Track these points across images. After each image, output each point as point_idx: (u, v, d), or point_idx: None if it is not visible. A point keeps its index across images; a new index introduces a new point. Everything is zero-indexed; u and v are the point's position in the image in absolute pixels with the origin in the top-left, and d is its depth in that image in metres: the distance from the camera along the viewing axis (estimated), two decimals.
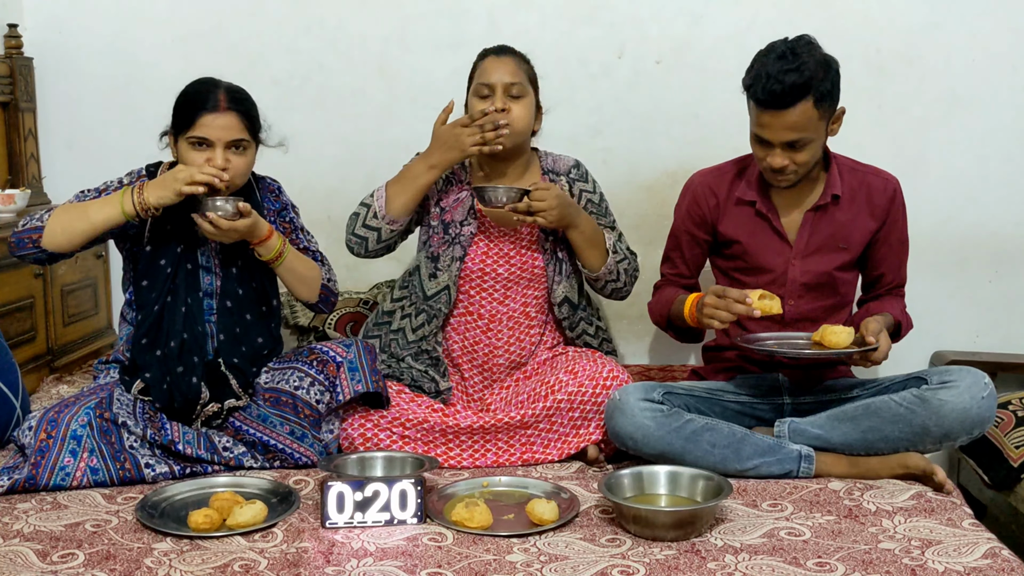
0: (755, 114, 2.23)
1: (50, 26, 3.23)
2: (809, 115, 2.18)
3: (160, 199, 2.17)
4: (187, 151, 2.25)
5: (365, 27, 3.21)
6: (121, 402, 2.22)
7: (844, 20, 3.14)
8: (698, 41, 3.16)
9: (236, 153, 2.26)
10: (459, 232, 2.49)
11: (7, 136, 3.12)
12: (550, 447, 2.37)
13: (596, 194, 2.61)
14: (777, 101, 2.16)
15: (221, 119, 2.23)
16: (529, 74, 2.50)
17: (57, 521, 1.96)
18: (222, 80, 2.32)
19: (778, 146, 2.22)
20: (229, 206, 2.19)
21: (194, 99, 2.25)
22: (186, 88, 2.30)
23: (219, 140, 2.23)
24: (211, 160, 2.22)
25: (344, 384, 2.30)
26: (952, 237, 3.18)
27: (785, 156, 2.23)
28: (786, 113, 2.17)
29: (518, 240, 2.52)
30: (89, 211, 2.20)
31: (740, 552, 1.85)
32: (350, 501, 1.96)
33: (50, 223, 2.19)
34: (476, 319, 2.53)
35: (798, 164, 2.25)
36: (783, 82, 2.15)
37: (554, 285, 2.53)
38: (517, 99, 2.43)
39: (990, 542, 1.87)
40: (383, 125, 3.22)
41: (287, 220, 2.49)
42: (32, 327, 2.82)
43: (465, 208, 2.51)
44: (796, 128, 2.19)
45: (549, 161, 2.60)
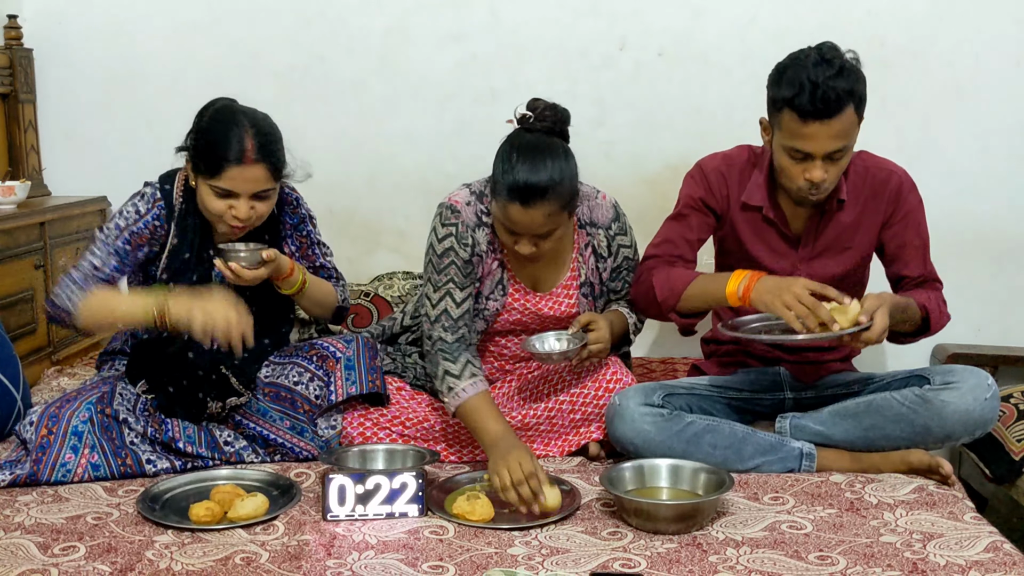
0: (795, 126, 2.10)
1: (50, 17, 3.22)
2: (852, 121, 2.10)
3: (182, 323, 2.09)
4: (208, 195, 2.15)
5: (366, 19, 3.19)
6: (123, 396, 2.22)
7: (848, 12, 3.13)
8: (700, 33, 3.15)
9: (260, 200, 2.18)
10: (485, 306, 2.33)
11: (7, 127, 3.11)
12: (551, 445, 2.36)
13: (632, 248, 2.42)
14: (828, 109, 2.06)
15: (248, 172, 2.12)
16: (563, 204, 2.14)
17: (58, 514, 1.96)
18: (247, 113, 2.18)
19: (820, 158, 2.12)
20: (254, 257, 2.16)
21: (220, 147, 2.12)
22: (210, 124, 2.16)
23: (245, 193, 2.15)
24: (234, 210, 2.15)
25: (338, 384, 2.29)
26: (954, 230, 3.17)
27: (825, 168, 2.13)
28: (833, 121, 2.07)
29: (554, 300, 2.37)
30: (116, 310, 2.17)
31: (742, 545, 1.84)
32: (351, 494, 1.96)
33: (81, 310, 2.18)
34: (496, 359, 2.47)
35: (832, 177, 2.16)
36: (834, 88, 2.05)
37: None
38: (548, 237, 2.17)
39: (992, 535, 1.87)
40: (384, 118, 3.21)
41: (304, 234, 2.43)
42: (33, 319, 2.81)
43: (494, 281, 2.32)
44: (841, 136, 2.10)
45: (586, 210, 2.35)
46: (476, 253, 2.28)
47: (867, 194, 2.32)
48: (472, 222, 2.27)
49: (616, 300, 2.46)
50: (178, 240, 2.25)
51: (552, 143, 2.16)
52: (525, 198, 2.09)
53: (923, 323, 2.25)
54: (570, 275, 2.37)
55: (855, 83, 2.10)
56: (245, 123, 2.15)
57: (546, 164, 2.10)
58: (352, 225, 3.27)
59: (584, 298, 2.39)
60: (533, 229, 2.14)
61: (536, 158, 2.11)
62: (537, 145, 2.14)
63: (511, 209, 2.11)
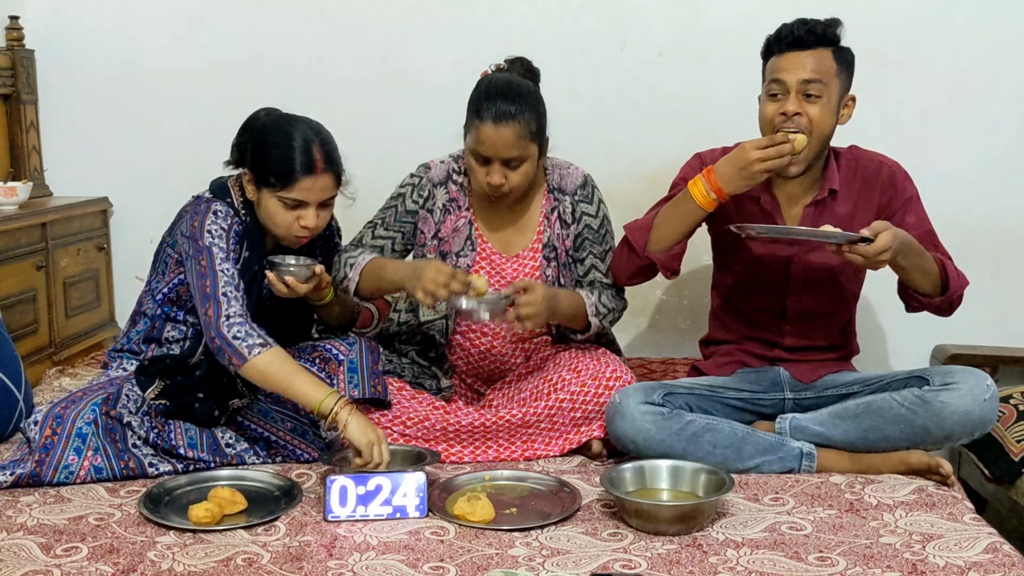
0: (773, 63, 2.24)
1: (51, 18, 3.23)
2: (828, 64, 2.20)
3: (354, 437, 2.07)
4: (276, 207, 2.18)
5: (366, 18, 3.20)
6: (129, 398, 2.21)
7: (847, 11, 3.07)
8: (700, 33, 3.16)
9: (324, 208, 2.23)
10: (455, 264, 2.42)
11: (9, 128, 3.12)
12: (552, 444, 2.36)
13: (597, 218, 2.46)
14: (800, 42, 2.20)
15: (320, 181, 2.17)
16: (531, 130, 2.26)
17: (60, 514, 1.97)
18: (305, 122, 2.23)
19: (794, 89, 2.19)
20: (305, 270, 2.20)
21: (289, 158, 2.16)
22: (274, 136, 2.19)
23: (314, 202, 2.19)
24: (303, 220, 2.18)
25: (341, 386, 2.28)
26: (954, 230, 3.14)
27: (799, 103, 2.20)
28: (807, 54, 2.20)
29: (520, 265, 2.46)
30: (293, 387, 2.10)
31: (742, 546, 1.85)
32: (352, 495, 1.97)
33: (253, 365, 2.09)
34: (479, 336, 2.51)
35: (811, 120, 2.19)
36: (807, 24, 2.21)
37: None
38: (516, 168, 2.29)
39: (991, 536, 1.88)
40: (385, 117, 3.22)
41: (332, 246, 2.48)
42: (35, 319, 2.82)
43: (463, 238, 2.43)
44: (815, 70, 2.20)
45: (556, 177, 2.46)
46: (427, 208, 2.44)
47: (859, 184, 2.34)
48: (438, 178, 2.44)
49: (582, 283, 2.47)
50: (249, 253, 2.26)
51: (523, 80, 2.34)
52: (497, 116, 2.22)
53: (942, 283, 2.26)
54: (535, 238, 2.45)
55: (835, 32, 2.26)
56: (309, 133, 2.20)
57: (518, 89, 2.27)
58: (353, 225, 3.26)
59: (547, 261, 2.43)
60: (503, 151, 2.23)
61: (508, 86, 2.28)
62: (509, 79, 2.32)
63: (483, 130, 2.24)
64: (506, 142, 2.23)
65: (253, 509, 2.00)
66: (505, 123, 2.23)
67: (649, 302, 3.29)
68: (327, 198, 2.22)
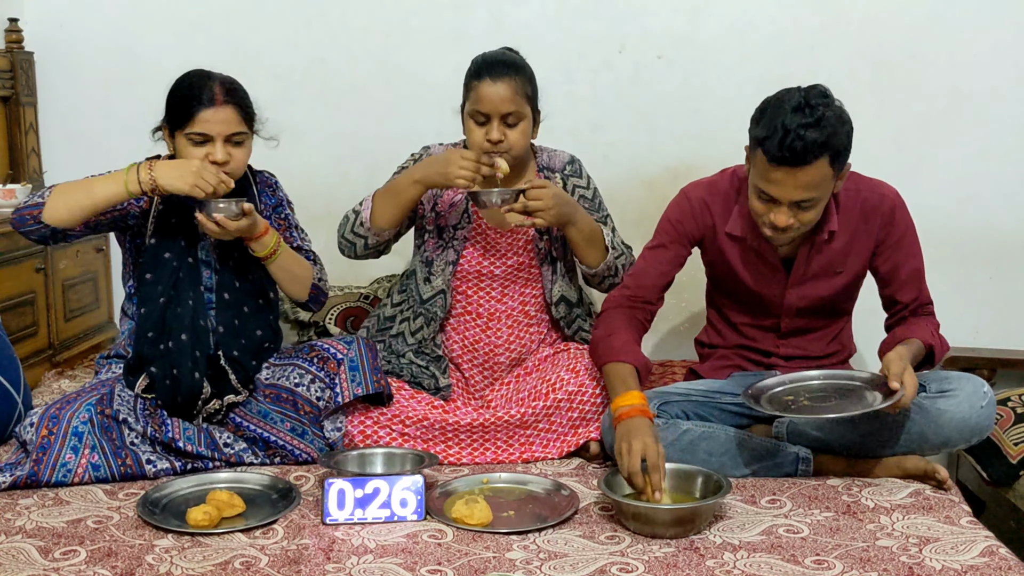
0: (763, 168, 2.08)
1: (51, 20, 3.23)
2: (824, 173, 2.06)
3: (170, 185, 2.15)
4: (186, 146, 2.25)
5: (366, 21, 3.21)
6: (122, 398, 2.23)
7: (846, 14, 3.14)
8: (699, 36, 3.16)
9: (234, 146, 2.27)
10: (452, 236, 2.50)
11: (8, 130, 3.12)
12: (550, 446, 2.37)
13: (590, 189, 2.58)
14: (795, 158, 2.02)
15: (220, 113, 2.23)
16: (526, 91, 2.39)
17: (59, 517, 1.97)
18: (213, 72, 2.31)
19: (786, 205, 2.10)
20: (234, 207, 2.20)
21: (190, 94, 2.24)
22: (179, 82, 2.29)
23: (219, 135, 2.24)
24: (211, 155, 2.23)
25: (344, 385, 2.30)
26: (953, 233, 3.18)
27: (791, 215, 2.11)
28: (801, 171, 2.04)
29: (513, 242, 2.52)
30: (93, 186, 2.19)
31: (739, 549, 1.85)
32: (350, 498, 1.97)
33: (51, 198, 2.18)
34: (475, 318, 2.53)
35: (802, 223, 2.14)
36: (803, 138, 2.01)
37: (549, 285, 2.54)
38: (514, 126, 2.37)
39: (988, 540, 1.88)
40: (384, 119, 3.22)
41: (282, 216, 2.49)
42: (34, 322, 2.82)
43: (459, 212, 2.51)
44: (809, 187, 2.06)
45: (545, 158, 2.58)
46: None
47: (858, 217, 2.29)
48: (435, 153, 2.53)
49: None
50: (164, 206, 2.30)
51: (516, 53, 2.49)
52: (494, 74, 2.33)
53: (926, 358, 2.27)
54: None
55: (831, 136, 2.03)
56: (208, 72, 2.30)
57: (512, 56, 2.43)
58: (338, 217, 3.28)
59: (539, 235, 2.52)
60: (501, 107, 2.33)
61: (503, 53, 2.44)
62: (503, 50, 2.48)
63: (482, 88, 2.34)
64: (504, 97, 2.33)
65: (251, 512, 2.01)
66: (502, 79, 2.34)
67: None
68: (233, 132, 2.25)
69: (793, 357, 2.40)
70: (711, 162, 3.18)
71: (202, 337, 2.29)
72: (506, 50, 2.48)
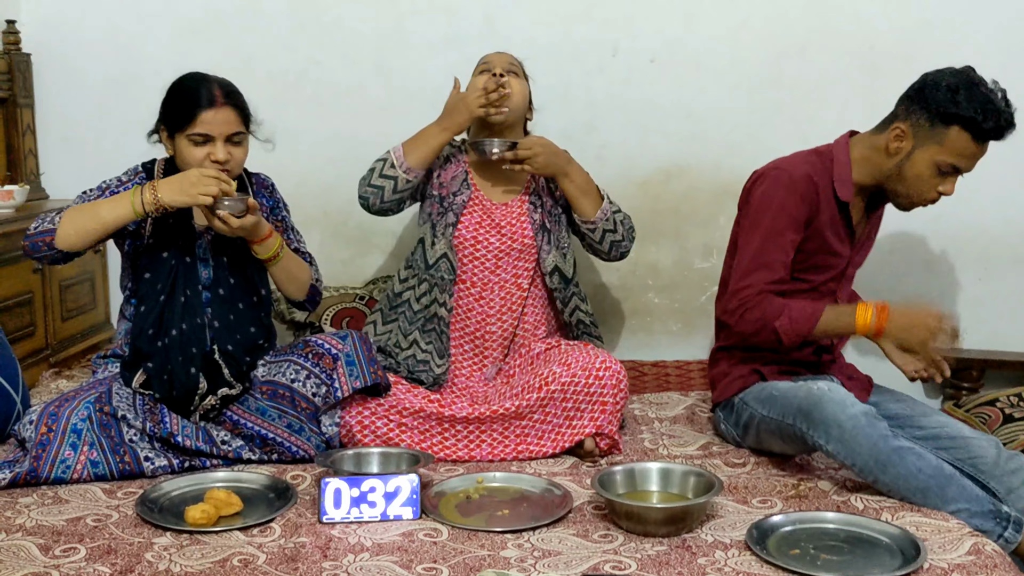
0: (962, 144, 2.23)
1: (47, 22, 3.24)
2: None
3: (175, 201, 2.20)
4: (187, 147, 2.28)
5: (361, 24, 3.22)
6: (120, 396, 2.25)
7: (837, 18, 3.16)
8: (692, 38, 3.19)
9: (234, 145, 2.31)
10: (452, 202, 2.62)
11: (5, 132, 3.14)
12: (544, 439, 2.40)
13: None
14: (1001, 133, 2.22)
15: (220, 114, 2.27)
16: (524, 70, 2.68)
17: (58, 515, 1.99)
18: (209, 74, 2.36)
19: (961, 175, 2.29)
20: (240, 204, 2.23)
21: (189, 96, 2.28)
22: (177, 85, 2.33)
23: (220, 135, 2.28)
24: (212, 154, 2.27)
25: (342, 380, 2.33)
26: (942, 235, 3.21)
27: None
28: (987, 145, 2.25)
29: (508, 212, 2.63)
30: (100, 211, 2.23)
31: (730, 548, 1.88)
32: (347, 497, 2.00)
33: (62, 225, 2.22)
34: (469, 287, 2.61)
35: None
36: (1012, 116, 2.23)
37: (543, 255, 2.62)
38: (515, 76, 2.60)
39: (974, 537, 1.91)
40: (379, 122, 3.23)
41: (279, 218, 2.52)
42: (31, 322, 2.84)
43: (459, 181, 2.65)
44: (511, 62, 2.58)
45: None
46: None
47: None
48: None
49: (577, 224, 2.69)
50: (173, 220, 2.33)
51: None
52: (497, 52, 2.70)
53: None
54: (523, 190, 2.67)
55: None
56: (207, 75, 2.34)
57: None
58: (346, 228, 3.30)
59: (533, 207, 2.65)
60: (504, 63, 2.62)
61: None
62: None
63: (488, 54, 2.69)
64: (507, 58, 2.66)
65: (249, 510, 2.03)
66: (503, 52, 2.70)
67: (641, 305, 3.33)
68: (232, 132, 2.29)
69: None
70: (704, 163, 3.23)
71: (198, 333, 2.32)
72: None
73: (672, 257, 3.29)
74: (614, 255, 2.68)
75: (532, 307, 2.65)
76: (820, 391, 2.18)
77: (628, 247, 2.68)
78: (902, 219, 2.62)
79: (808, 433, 2.17)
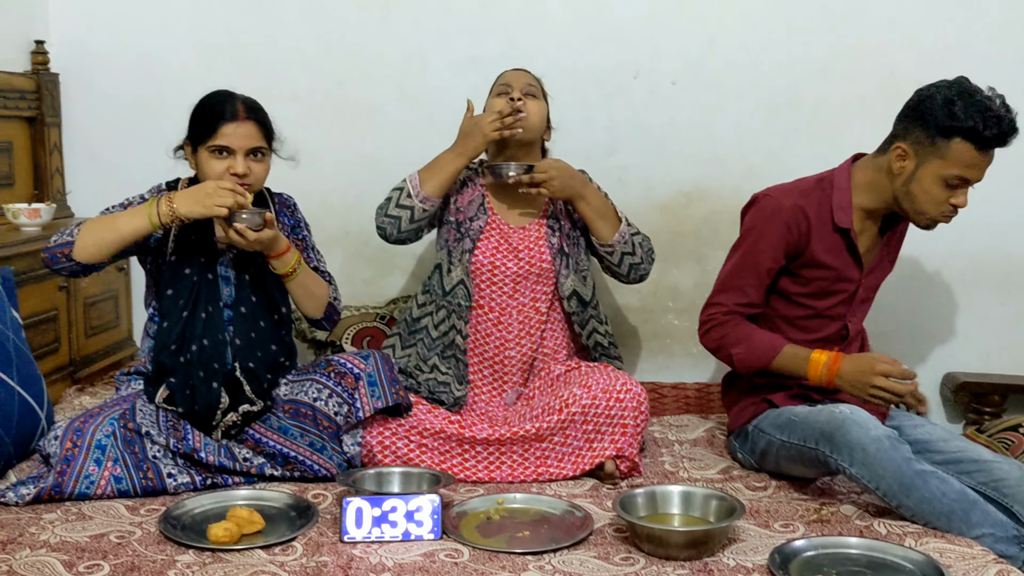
0: (967, 156, 2.20)
1: (76, 42, 3.29)
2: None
3: (191, 212, 2.23)
4: (208, 160, 2.32)
5: (384, 45, 3.25)
6: (144, 412, 2.27)
7: (857, 43, 3.17)
8: (712, 62, 3.20)
9: (255, 160, 2.34)
10: (469, 227, 2.62)
11: (33, 151, 3.18)
12: (564, 461, 2.40)
13: (601, 191, 2.68)
14: (1003, 140, 2.20)
15: (241, 128, 2.31)
16: (543, 88, 2.70)
17: (82, 532, 2.01)
18: (235, 92, 2.40)
19: (972, 185, 2.25)
20: (257, 218, 2.25)
21: (213, 110, 2.33)
22: (203, 100, 2.37)
23: (240, 148, 2.31)
24: (232, 167, 2.30)
25: (364, 400, 2.34)
26: (963, 258, 3.20)
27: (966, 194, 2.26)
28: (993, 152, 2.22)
29: (526, 236, 2.63)
30: (118, 222, 2.26)
31: (752, 572, 1.87)
32: (368, 516, 2.00)
33: (80, 236, 2.25)
34: (487, 312, 2.61)
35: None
36: (1013, 121, 2.20)
37: (561, 279, 2.62)
38: (533, 97, 2.61)
39: (999, 564, 1.89)
40: (401, 142, 3.26)
41: (300, 237, 2.54)
42: (56, 338, 2.87)
43: (475, 206, 2.64)
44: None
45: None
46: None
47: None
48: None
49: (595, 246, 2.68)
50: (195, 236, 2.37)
51: None
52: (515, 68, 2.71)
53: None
54: (541, 213, 2.67)
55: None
56: (234, 93, 2.39)
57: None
58: (368, 248, 3.32)
59: (551, 231, 2.64)
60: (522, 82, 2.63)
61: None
62: None
63: (506, 73, 2.69)
64: (525, 79, 2.66)
65: (271, 529, 2.04)
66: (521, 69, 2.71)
67: (661, 327, 3.33)
68: (254, 147, 2.33)
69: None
70: (723, 186, 3.23)
71: (220, 350, 2.34)
72: None
73: (692, 279, 3.29)
74: (633, 277, 2.68)
75: (552, 331, 2.66)
76: (843, 414, 2.17)
77: (647, 269, 2.68)
78: (923, 242, 2.61)
79: (831, 456, 2.16)
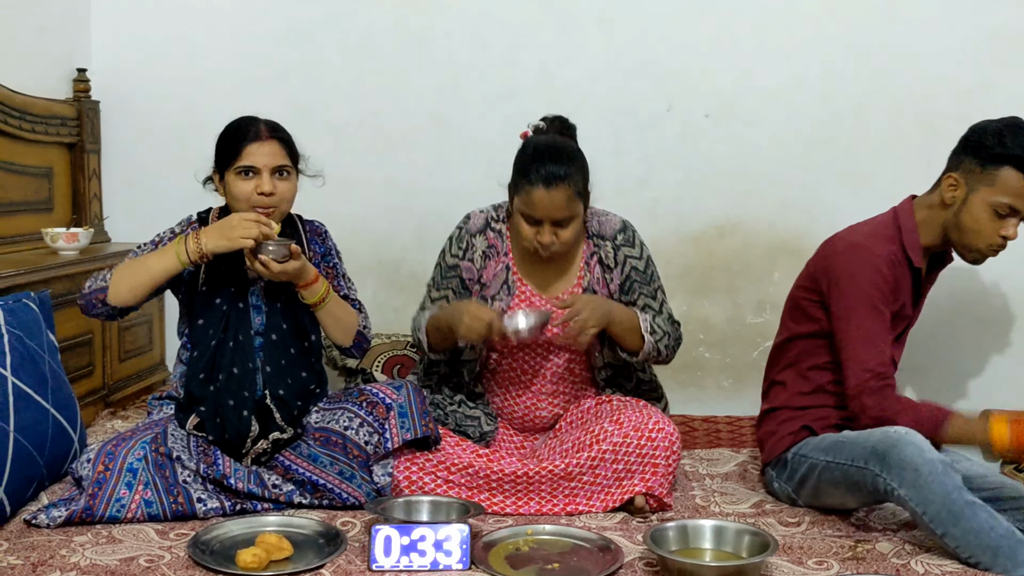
0: (1014, 183, 2.24)
1: (117, 70, 3.35)
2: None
3: (217, 247, 2.27)
4: (235, 182, 2.36)
5: (419, 77, 3.29)
6: (175, 437, 2.28)
7: (894, 78, 3.16)
8: (746, 95, 3.21)
9: (281, 179, 2.38)
10: (492, 307, 2.46)
11: (72, 176, 3.23)
12: (593, 499, 2.37)
13: (642, 260, 2.52)
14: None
15: (265, 147, 2.35)
16: (579, 188, 2.35)
17: (112, 555, 2.01)
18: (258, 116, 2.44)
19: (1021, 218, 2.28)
20: (283, 249, 2.27)
21: (236, 133, 2.38)
22: (227, 127, 2.43)
23: (265, 167, 2.35)
24: (259, 186, 2.34)
25: (393, 431, 2.34)
26: (1002, 294, 3.16)
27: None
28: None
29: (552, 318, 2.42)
30: (148, 263, 2.31)
31: None
32: (397, 545, 1.99)
33: (113, 281, 2.30)
34: (519, 374, 2.55)
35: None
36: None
37: (595, 353, 2.53)
38: (567, 226, 2.36)
39: None
40: (434, 172, 3.29)
41: (331, 265, 2.55)
42: (90, 362, 2.89)
43: (499, 282, 2.51)
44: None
45: (595, 224, 2.53)
46: (468, 258, 2.51)
47: None
48: (476, 228, 2.53)
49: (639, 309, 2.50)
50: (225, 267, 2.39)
51: (565, 139, 2.44)
52: (548, 179, 2.29)
53: None
54: (576, 283, 2.50)
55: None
56: (256, 117, 2.43)
57: (564, 150, 2.36)
58: (400, 276, 3.34)
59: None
60: (554, 213, 2.32)
61: (554, 148, 2.36)
62: (553, 140, 2.41)
63: (535, 194, 2.31)
64: (557, 204, 2.31)
65: (299, 555, 2.03)
66: (556, 186, 2.30)
67: (692, 360, 3.30)
68: (279, 165, 2.36)
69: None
70: (756, 220, 3.22)
71: (250, 377, 2.35)
72: (558, 138, 2.42)
73: (725, 313, 3.27)
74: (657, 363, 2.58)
75: (584, 390, 2.60)
76: (897, 434, 2.12)
77: (671, 359, 2.56)
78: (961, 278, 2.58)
79: (880, 476, 2.12)
